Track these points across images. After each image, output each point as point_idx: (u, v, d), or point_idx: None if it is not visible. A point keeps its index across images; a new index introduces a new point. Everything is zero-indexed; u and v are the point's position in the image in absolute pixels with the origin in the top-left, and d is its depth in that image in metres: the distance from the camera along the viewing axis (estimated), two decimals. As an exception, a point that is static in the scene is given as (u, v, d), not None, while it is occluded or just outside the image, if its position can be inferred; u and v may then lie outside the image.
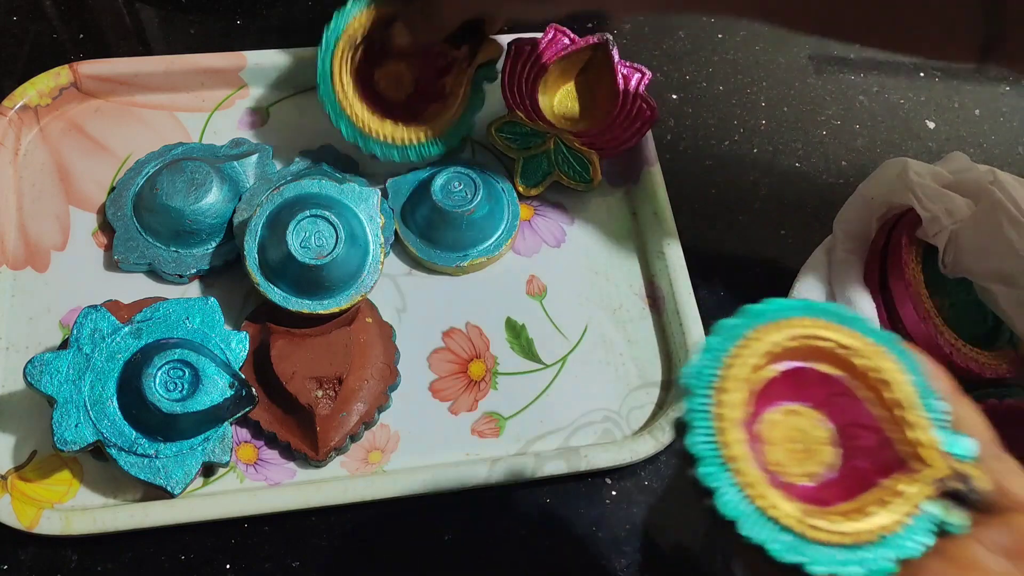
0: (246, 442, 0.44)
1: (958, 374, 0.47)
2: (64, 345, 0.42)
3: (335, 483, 0.43)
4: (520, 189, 0.52)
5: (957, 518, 0.26)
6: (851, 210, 0.51)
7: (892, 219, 0.50)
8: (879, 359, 0.28)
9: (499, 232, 0.50)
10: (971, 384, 0.47)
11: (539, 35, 0.52)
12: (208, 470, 0.43)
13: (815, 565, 0.24)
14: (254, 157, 0.50)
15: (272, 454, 0.44)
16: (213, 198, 0.47)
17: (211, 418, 0.41)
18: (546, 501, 0.46)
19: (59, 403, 0.40)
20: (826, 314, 0.28)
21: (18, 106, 0.50)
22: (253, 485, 0.43)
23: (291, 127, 0.53)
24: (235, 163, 0.49)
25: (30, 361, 0.40)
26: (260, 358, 0.45)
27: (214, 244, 0.47)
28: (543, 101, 0.52)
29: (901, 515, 0.26)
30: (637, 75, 0.53)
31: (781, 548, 0.25)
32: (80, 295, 0.47)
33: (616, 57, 0.51)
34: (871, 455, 0.28)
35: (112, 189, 0.50)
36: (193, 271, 0.47)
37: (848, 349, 0.28)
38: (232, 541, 0.43)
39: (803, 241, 0.53)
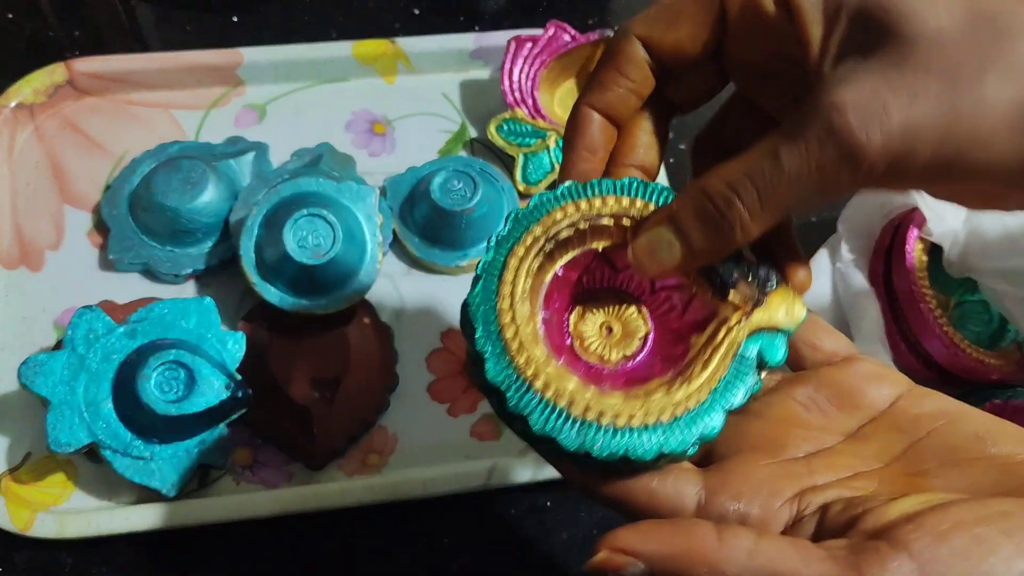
0: (242, 444, 0.44)
1: (963, 374, 0.47)
2: (58, 346, 0.42)
3: (333, 486, 0.43)
4: (520, 188, 0.52)
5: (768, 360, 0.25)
6: (855, 209, 0.51)
7: (897, 218, 0.50)
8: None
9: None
10: (976, 384, 0.48)
11: (539, 32, 0.52)
12: (204, 472, 0.43)
13: (642, 453, 0.24)
14: (250, 155, 0.49)
15: (269, 456, 0.44)
16: (209, 197, 0.46)
17: (207, 420, 0.41)
18: (546, 504, 0.45)
19: (53, 404, 0.39)
20: (587, 190, 0.27)
21: (13, 104, 0.50)
22: (249, 488, 0.43)
23: (288, 125, 0.53)
24: (231, 161, 0.48)
25: (24, 362, 0.40)
26: (256, 359, 0.44)
27: (210, 243, 0.47)
28: (543, 98, 0.52)
29: (720, 365, 0.25)
30: (638, 72, 0.52)
31: (602, 448, 0.24)
32: (75, 295, 0.46)
33: (617, 54, 0.51)
34: (681, 315, 0.27)
35: (107, 188, 0.49)
36: (189, 271, 0.47)
37: (620, 217, 0.26)
38: (228, 544, 0.42)
39: (805, 241, 0.52)
